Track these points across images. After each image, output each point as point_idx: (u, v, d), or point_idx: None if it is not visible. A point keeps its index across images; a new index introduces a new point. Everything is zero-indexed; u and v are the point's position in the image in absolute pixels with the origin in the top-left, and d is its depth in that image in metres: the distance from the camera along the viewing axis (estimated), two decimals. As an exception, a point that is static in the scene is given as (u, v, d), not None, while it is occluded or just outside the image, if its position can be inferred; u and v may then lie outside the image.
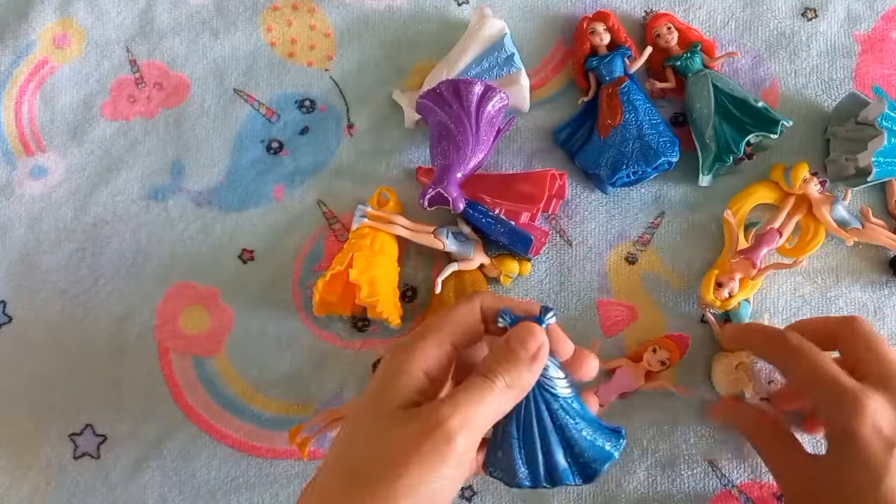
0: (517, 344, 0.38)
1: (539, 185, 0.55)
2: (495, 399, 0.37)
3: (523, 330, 0.38)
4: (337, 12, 0.63)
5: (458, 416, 0.35)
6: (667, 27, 0.59)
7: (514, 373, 0.37)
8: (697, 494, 0.53)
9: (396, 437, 0.35)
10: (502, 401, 0.37)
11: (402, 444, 0.34)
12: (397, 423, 0.36)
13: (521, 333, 0.38)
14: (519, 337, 0.38)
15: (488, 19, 0.59)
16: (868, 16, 0.62)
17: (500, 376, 0.37)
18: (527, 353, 0.37)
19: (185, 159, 0.60)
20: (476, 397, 0.36)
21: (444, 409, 0.35)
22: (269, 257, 0.58)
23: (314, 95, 0.61)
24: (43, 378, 0.56)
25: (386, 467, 0.34)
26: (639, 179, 0.57)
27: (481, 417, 0.36)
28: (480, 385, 0.36)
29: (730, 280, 0.54)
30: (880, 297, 0.56)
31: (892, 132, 0.54)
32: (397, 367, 0.38)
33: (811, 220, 0.57)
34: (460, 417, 0.35)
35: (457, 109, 0.53)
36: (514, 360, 0.37)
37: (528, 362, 0.37)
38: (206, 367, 0.56)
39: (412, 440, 0.34)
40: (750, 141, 0.56)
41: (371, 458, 0.35)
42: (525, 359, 0.37)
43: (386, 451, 0.35)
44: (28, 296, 0.58)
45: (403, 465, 0.34)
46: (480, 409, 0.36)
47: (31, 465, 0.54)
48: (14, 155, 0.61)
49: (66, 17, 0.64)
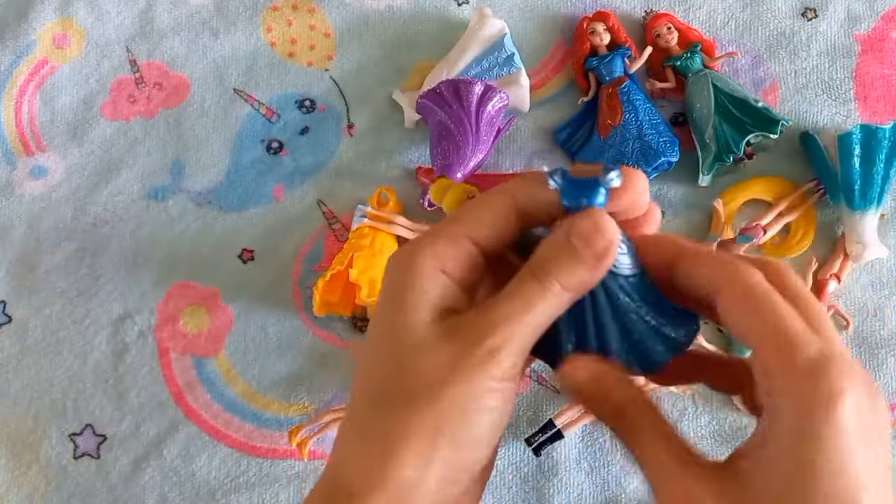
0: (580, 241, 0.29)
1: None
2: (548, 305, 0.29)
3: (588, 224, 0.29)
4: (337, 12, 0.63)
5: (502, 330, 0.28)
6: (667, 27, 0.59)
7: (573, 275, 0.29)
8: (697, 494, 0.53)
9: (428, 357, 0.29)
10: (557, 306, 0.30)
11: (436, 365, 0.28)
12: (427, 339, 0.29)
13: (586, 228, 0.29)
14: (582, 233, 0.29)
15: (488, 19, 0.59)
16: (868, 16, 0.62)
17: (554, 278, 0.29)
18: (591, 253, 0.29)
19: (185, 159, 0.60)
20: (523, 305, 0.29)
21: (486, 321, 0.29)
22: (269, 257, 0.58)
23: (314, 95, 0.61)
24: (43, 378, 0.56)
25: (417, 391, 0.29)
26: (639, 179, 0.57)
27: (531, 328, 0.29)
28: (530, 289, 0.29)
29: None
30: (880, 298, 0.56)
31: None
32: (408, 267, 0.30)
33: (801, 224, 0.57)
34: (506, 331, 0.28)
35: (457, 109, 0.53)
36: (575, 261, 0.29)
37: (592, 262, 0.29)
38: (206, 367, 0.56)
39: (447, 360, 0.28)
40: (750, 141, 0.56)
41: (400, 381, 0.29)
42: (589, 259, 0.29)
43: (416, 372, 0.29)
44: (28, 296, 0.57)
45: (437, 388, 0.28)
46: (529, 319, 0.29)
47: (31, 465, 0.54)
48: (14, 155, 0.61)
49: (66, 17, 0.64)
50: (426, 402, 0.28)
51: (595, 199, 0.29)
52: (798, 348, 0.26)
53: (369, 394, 0.31)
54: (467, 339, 0.29)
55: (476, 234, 0.31)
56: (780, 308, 0.27)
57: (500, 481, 0.53)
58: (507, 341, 0.29)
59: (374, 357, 0.31)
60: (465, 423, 0.29)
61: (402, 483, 0.28)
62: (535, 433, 0.52)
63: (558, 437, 0.52)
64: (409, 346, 0.30)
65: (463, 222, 0.31)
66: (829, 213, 0.57)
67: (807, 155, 0.58)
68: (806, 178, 0.57)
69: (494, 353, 0.28)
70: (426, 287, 0.30)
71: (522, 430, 0.53)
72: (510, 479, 0.53)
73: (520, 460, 0.53)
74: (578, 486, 0.52)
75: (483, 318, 0.29)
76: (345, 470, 0.30)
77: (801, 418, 0.25)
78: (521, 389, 0.55)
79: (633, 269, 0.31)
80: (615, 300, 0.31)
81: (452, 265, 0.31)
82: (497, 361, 0.28)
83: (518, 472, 0.53)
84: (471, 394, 0.28)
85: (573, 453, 0.53)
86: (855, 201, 0.54)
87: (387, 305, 0.31)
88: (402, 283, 0.30)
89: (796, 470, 0.25)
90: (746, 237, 0.55)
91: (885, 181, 0.55)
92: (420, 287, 0.30)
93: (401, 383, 0.29)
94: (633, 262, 0.31)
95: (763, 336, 0.27)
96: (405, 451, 0.28)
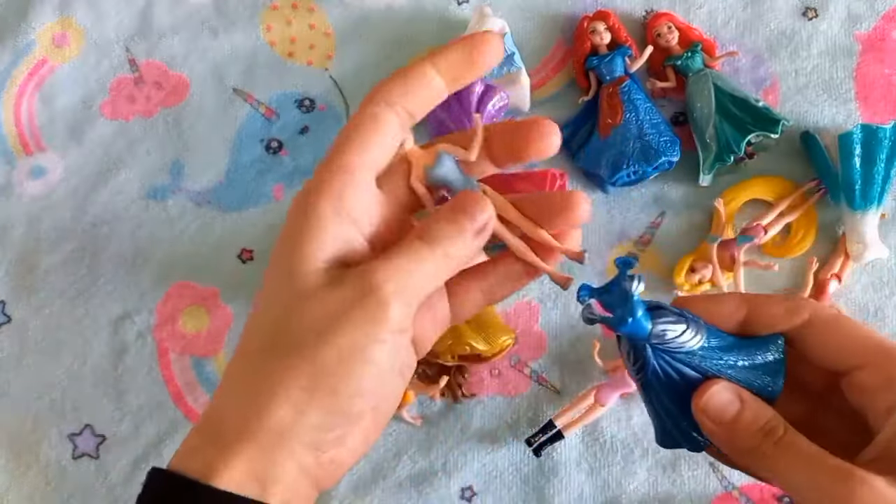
0: (461, 215, 0.32)
1: (539, 185, 0.55)
2: (434, 266, 0.31)
3: (468, 199, 0.32)
4: (336, 11, 0.63)
5: (393, 281, 0.29)
6: (667, 26, 0.59)
7: (457, 244, 0.31)
8: (698, 495, 0.53)
9: (319, 303, 0.30)
10: (441, 269, 0.32)
11: (327, 310, 0.29)
12: (316, 288, 0.30)
13: (466, 202, 0.32)
14: (462, 206, 0.32)
15: (488, 18, 0.59)
16: (869, 15, 0.62)
17: (440, 243, 0.31)
18: (472, 226, 0.32)
19: (184, 159, 0.60)
20: (414, 260, 0.31)
21: (378, 272, 0.30)
22: (268, 257, 0.57)
23: (314, 95, 0.61)
24: (42, 378, 0.56)
25: (300, 339, 0.29)
26: (639, 179, 0.57)
27: (419, 283, 0.31)
28: (419, 248, 0.31)
29: (703, 267, 0.55)
30: (881, 298, 0.56)
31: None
32: (306, 209, 0.31)
33: (802, 224, 0.57)
34: (396, 283, 0.30)
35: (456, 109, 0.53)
36: (459, 230, 0.31)
37: (472, 235, 0.32)
38: (205, 368, 0.56)
39: (339, 306, 0.29)
40: (751, 140, 0.56)
41: (286, 328, 0.30)
42: (470, 231, 0.31)
43: (308, 316, 0.29)
44: (27, 296, 0.57)
45: (330, 333, 0.29)
46: (418, 275, 0.31)
47: (30, 465, 0.54)
48: (13, 154, 0.61)
49: (66, 17, 0.63)
50: (309, 351, 0.29)
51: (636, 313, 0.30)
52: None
53: (258, 338, 0.31)
54: (356, 289, 0.29)
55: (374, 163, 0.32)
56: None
57: (500, 482, 0.53)
58: (398, 292, 0.29)
59: (266, 301, 0.32)
60: (346, 374, 0.29)
61: (274, 432, 0.29)
62: (535, 434, 0.52)
63: (558, 438, 0.52)
64: (298, 293, 0.30)
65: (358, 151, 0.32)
66: (829, 213, 0.57)
67: (807, 155, 0.58)
68: (807, 178, 0.57)
69: (387, 302, 0.29)
70: (323, 234, 0.31)
71: (522, 430, 0.53)
72: (510, 480, 0.53)
73: (520, 461, 0.53)
74: (579, 486, 0.52)
75: (372, 271, 0.30)
76: (221, 416, 0.31)
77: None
78: (521, 389, 0.55)
79: (699, 337, 0.32)
80: (708, 370, 0.32)
81: (354, 208, 0.31)
82: (385, 314, 0.29)
83: (518, 472, 0.53)
84: (355, 345, 0.29)
85: (573, 454, 0.53)
86: (856, 201, 0.54)
87: (283, 250, 0.32)
88: (299, 227, 0.31)
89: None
90: (747, 237, 0.55)
91: (885, 181, 0.55)
92: (316, 233, 0.31)
93: (286, 330, 0.30)
94: (695, 330, 0.32)
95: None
96: (281, 399, 0.29)
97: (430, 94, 0.33)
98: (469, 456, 0.53)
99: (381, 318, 0.29)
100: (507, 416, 0.54)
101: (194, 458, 0.29)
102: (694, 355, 0.32)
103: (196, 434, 0.31)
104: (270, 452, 0.29)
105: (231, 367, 0.32)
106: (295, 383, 0.29)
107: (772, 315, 0.33)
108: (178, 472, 0.29)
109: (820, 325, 0.32)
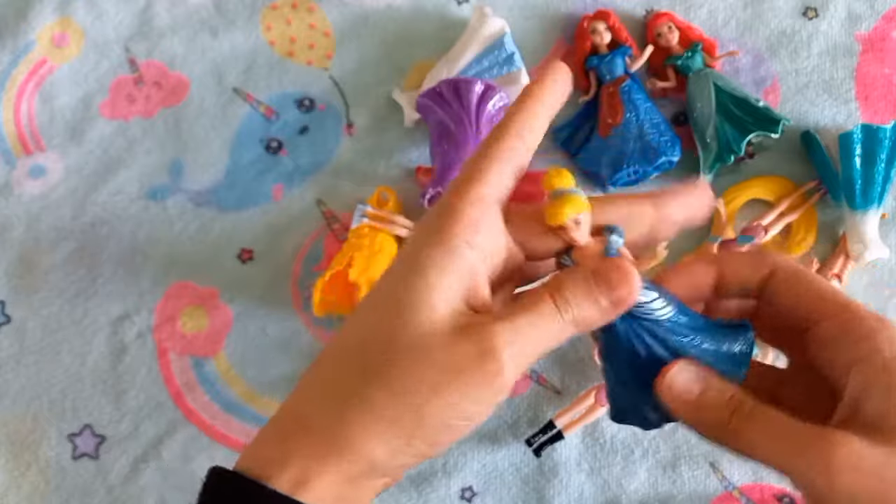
0: (604, 285, 0.30)
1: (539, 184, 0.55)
2: (557, 332, 0.29)
3: (615, 269, 0.30)
4: (336, 11, 0.63)
5: (514, 346, 0.28)
6: (668, 26, 0.59)
7: (587, 315, 0.29)
8: (699, 496, 0.52)
9: (441, 353, 0.28)
10: (565, 334, 0.30)
11: (446, 365, 0.28)
12: (445, 334, 0.28)
13: (612, 274, 0.30)
14: (607, 278, 0.29)
15: (488, 18, 0.59)
16: (869, 15, 0.62)
17: (570, 309, 0.29)
18: (609, 300, 0.29)
19: (183, 159, 0.60)
20: (537, 326, 0.29)
21: (500, 333, 0.28)
22: (268, 257, 0.58)
23: (313, 94, 0.61)
24: (42, 378, 0.56)
25: (420, 386, 0.28)
26: (640, 179, 0.57)
27: (539, 349, 0.29)
28: (544, 310, 0.29)
29: None
30: (881, 298, 0.56)
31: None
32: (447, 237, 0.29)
33: (802, 224, 0.57)
34: (516, 346, 0.28)
35: (457, 109, 0.53)
36: (593, 301, 0.29)
37: (609, 309, 0.30)
38: (205, 368, 0.56)
39: (453, 361, 0.28)
40: (751, 140, 0.56)
41: (406, 365, 0.28)
42: (606, 307, 0.30)
43: (426, 366, 0.28)
44: (27, 296, 0.57)
45: (444, 389, 0.28)
46: (539, 341, 0.29)
47: (30, 465, 0.54)
48: (13, 154, 0.61)
49: (65, 17, 0.63)
50: (418, 401, 0.28)
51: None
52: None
53: (360, 359, 0.30)
54: (480, 346, 0.28)
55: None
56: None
57: (500, 482, 0.53)
58: (516, 357, 0.28)
59: (378, 324, 0.30)
60: (447, 431, 0.29)
61: (366, 461, 0.28)
62: (535, 434, 0.52)
63: (559, 438, 0.52)
64: (422, 336, 0.29)
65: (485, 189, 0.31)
66: (830, 213, 0.57)
67: (808, 155, 0.58)
68: (807, 178, 0.57)
69: (504, 366, 0.28)
70: (456, 269, 0.29)
71: (523, 430, 0.53)
72: (510, 480, 0.53)
73: (520, 461, 0.53)
74: (579, 486, 0.52)
75: (500, 329, 0.28)
76: (308, 425, 0.29)
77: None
78: (521, 390, 0.54)
79: (671, 309, 0.32)
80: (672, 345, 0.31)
81: (486, 242, 0.30)
82: (504, 374, 0.28)
83: (518, 473, 0.53)
84: (462, 406, 0.28)
85: (573, 454, 0.53)
86: (856, 201, 0.54)
87: (405, 271, 0.30)
88: (430, 256, 0.29)
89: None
90: (748, 237, 0.55)
91: (886, 181, 0.55)
92: (450, 267, 0.29)
93: (399, 369, 0.29)
94: (667, 301, 0.32)
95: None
96: (377, 442, 0.28)
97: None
98: (469, 456, 0.53)
99: (496, 381, 0.28)
100: (507, 416, 0.54)
101: (284, 468, 0.29)
102: (661, 325, 0.31)
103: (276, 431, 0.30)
104: (357, 479, 0.29)
105: (323, 375, 0.31)
106: (395, 431, 0.28)
107: (739, 271, 0.32)
108: (263, 482, 0.28)
109: (782, 276, 0.32)
